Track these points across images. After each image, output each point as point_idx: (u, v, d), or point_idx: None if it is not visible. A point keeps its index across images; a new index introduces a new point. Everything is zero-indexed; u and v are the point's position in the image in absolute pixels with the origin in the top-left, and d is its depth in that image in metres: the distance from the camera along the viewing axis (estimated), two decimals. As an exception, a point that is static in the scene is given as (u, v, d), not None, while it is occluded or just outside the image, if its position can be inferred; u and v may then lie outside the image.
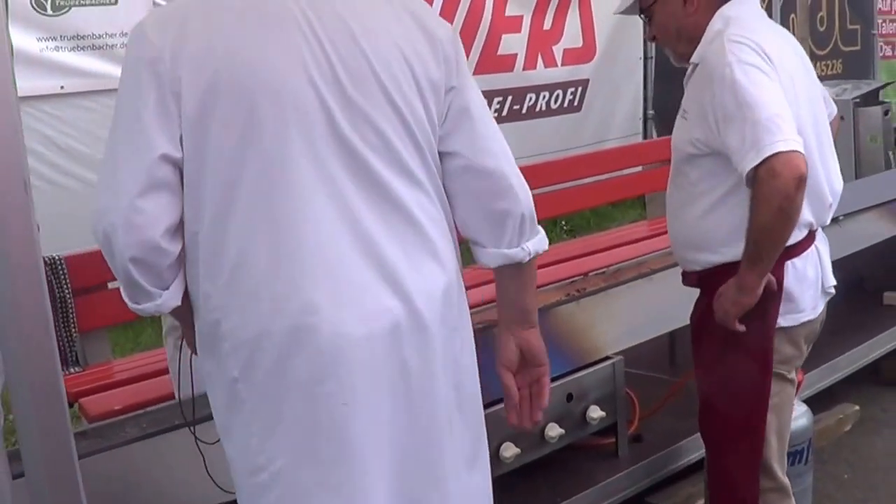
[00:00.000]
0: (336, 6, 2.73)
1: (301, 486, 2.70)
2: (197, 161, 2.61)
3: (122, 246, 2.60)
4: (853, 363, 6.13)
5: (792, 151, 3.42)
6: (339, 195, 2.66)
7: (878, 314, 6.72)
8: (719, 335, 3.79)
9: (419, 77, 2.78)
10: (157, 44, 2.60)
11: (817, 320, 3.93)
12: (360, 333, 2.65)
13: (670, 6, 3.84)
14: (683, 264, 3.98)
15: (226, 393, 2.74)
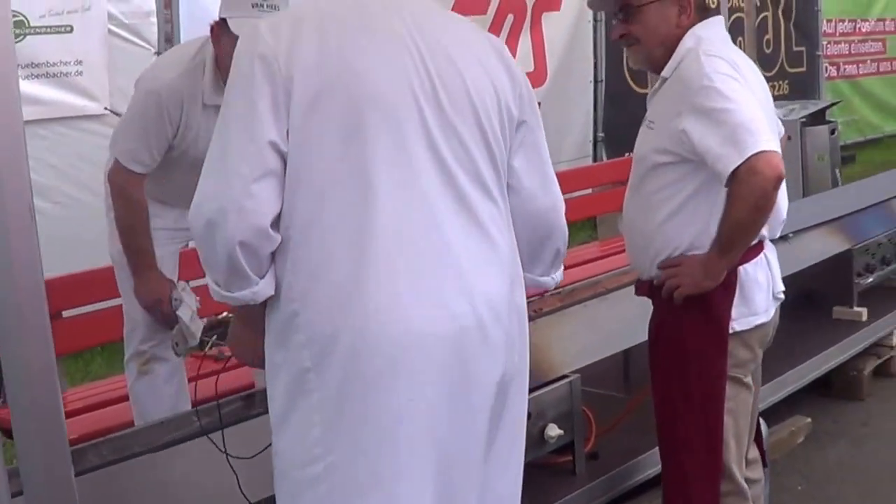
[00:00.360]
0: (437, 33, 2.96)
1: (354, 480, 2.79)
2: (298, 157, 2.76)
3: (232, 230, 2.71)
4: (804, 376, 6.21)
5: (772, 151, 3.58)
6: (427, 202, 2.82)
7: (827, 328, 6.81)
8: (676, 341, 3.91)
9: (501, 107, 3.00)
10: (272, 43, 2.77)
11: (770, 324, 4.03)
12: (431, 334, 2.79)
13: (666, 11, 3.92)
14: (640, 273, 4.08)
15: (293, 383, 2.82)
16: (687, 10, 3.94)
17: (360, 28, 2.87)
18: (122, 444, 3.67)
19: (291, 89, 2.75)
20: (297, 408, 2.83)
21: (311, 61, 2.77)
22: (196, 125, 4.39)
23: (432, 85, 2.87)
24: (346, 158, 2.78)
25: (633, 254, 4.08)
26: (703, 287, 3.80)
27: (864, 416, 6.48)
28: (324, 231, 2.77)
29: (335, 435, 2.79)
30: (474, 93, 2.94)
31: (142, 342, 4.67)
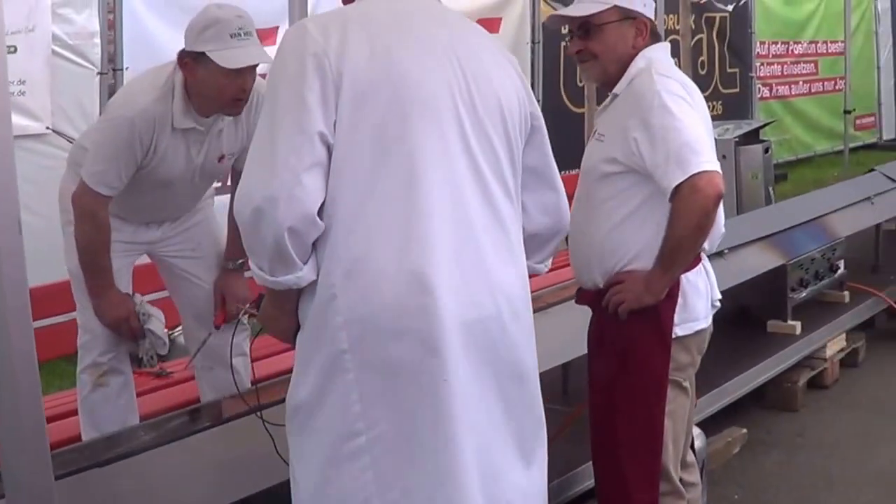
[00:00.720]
0: (472, 43, 3.25)
1: (398, 450, 2.97)
2: (344, 149, 2.92)
3: (283, 217, 2.85)
4: (740, 388, 6.32)
5: (714, 171, 3.75)
6: (461, 198, 3.03)
7: (762, 342, 6.93)
8: (620, 345, 4.02)
9: (523, 113, 3.29)
10: (322, 42, 2.95)
11: (707, 331, 4.17)
12: (463, 319, 2.98)
13: (625, 31, 4.07)
14: (584, 282, 4.18)
15: (329, 363, 2.98)
16: (643, 33, 4.09)
17: (406, 33, 3.10)
18: (101, 448, 3.74)
19: (341, 85, 2.92)
20: (334, 387, 2.98)
21: (361, 60, 2.96)
22: (165, 147, 4.47)
23: (468, 89, 3.09)
24: (390, 153, 2.96)
25: (579, 263, 4.18)
26: (644, 302, 3.91)
27: (798, 426, 6.60)
28: (367, 219, 2.95)
29: (377, 410, 2.96)
30: (503, 98, 3.20)
31: (100, 354, 4.69)
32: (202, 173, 4.74)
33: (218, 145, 4.68)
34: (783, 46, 17.74)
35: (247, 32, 4.36)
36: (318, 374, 3.02)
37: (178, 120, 4.45)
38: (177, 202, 4.84)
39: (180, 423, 4.02)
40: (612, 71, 4.11)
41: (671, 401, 4.02)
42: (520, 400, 3.21)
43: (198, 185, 4.84)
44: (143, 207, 4.74)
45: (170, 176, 4.59)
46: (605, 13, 4.06)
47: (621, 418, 4.02)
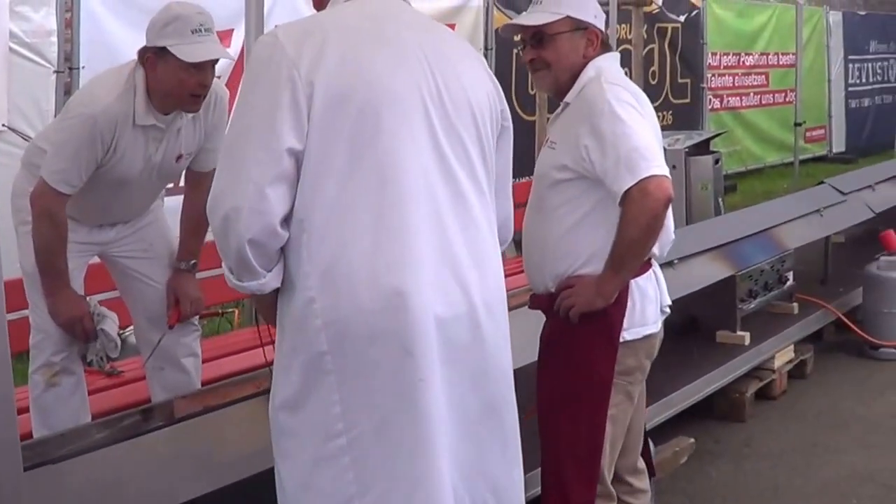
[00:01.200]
0: (441, 45, 3.30)
1: (376, 451, 3.01)
2: (319, 156, 2.97)
3: (244, 228, 2.92)
4: (688, 398, 6.34)
5: (663, 176, 3.81)
6: (433, 197, 3.07)
7: (711, 352, 6.95)
8: (568, 346, 4.07)
9: (494, 114, 3.35)
10: (292, 53, 2.99)
11: (657, 336, 4.21)
12: (437, 319, 3.02)
13: (576, 41, 4.12)
14: (537, 287, 4.22)
15: (309, 365, 3.03)
16: (594, 43, 4.16)
17: (376, 38, 3.14)
18: (71, 440, 3.75)
19: (313, 93, 2.96)
20: (315, 388, 3.03)
21: (332, 67, 3.00)
22: (125, 144, 4.51)
23: (439, 91, 3.14)
24: (362, 157, 3.00)
25: (532, 268, 4.23)
26: (595, 306, 3.95)
27: (745, 436, 6.64)
28: (342, 223, 2.99)
29: (357, 411, 3.01)
30: (473, 99, 3.26)
31: (53, 354, 4.70)
32: (159, 173, 4.77)
33: (176, 144, 4.72)
34: (734, 58, 17.87)
35: (207, 29, 4.46)
36: (299, 375, 3.07)
37: (140, 117, 4.50)
38: (132, 203, 4.85)
39: (135, 421, 3.98)
40: (564, 80, 4.16)
41: (615, 405, 4.07)
42: (496, 398, 3.25)
43: (154, 186, 4.88)
44: (99, 208, 4.76)
45: (128, 174, 4.61)
46: (557, 23, 4.12)
47: (565, 419, 4.07)
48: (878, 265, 8.16)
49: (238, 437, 4.05)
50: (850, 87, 20.87)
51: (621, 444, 4.23)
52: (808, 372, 7.73)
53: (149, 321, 5.01)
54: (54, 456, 3.58)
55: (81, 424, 4.24)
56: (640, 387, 4.27)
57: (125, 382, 5.59)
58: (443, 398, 3.06)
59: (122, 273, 5.02)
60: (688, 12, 16.57)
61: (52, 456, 3.57)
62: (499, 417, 3.27)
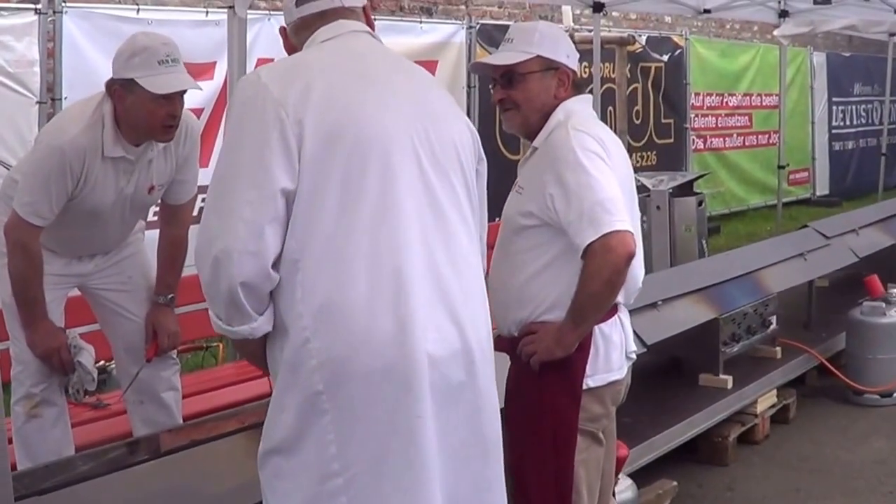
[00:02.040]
0: (424, 87, 3.36)
1: (373, 489, 2.99)
2: (312, 195, 2.94)
3: (236, 271, 2.89)
4: (670, 441, 6.28)
5: (625, 231, 3.78)
6: (425, 235, 3.06)
7: (694, 395, 6.90)
8: (531, 393, 4.04)
9: (475, 153, 3.39)
10: (277, 93, 2.97)
11: (622, 382, 4.18)
12: (433, 356, 3.01)
13: (547, 82, 4.10)
14: (501, 329, 4.18)
15: (305, 406, 2.99)
16: (565, 84, 4.13)
17: (361, 76, 3.13)
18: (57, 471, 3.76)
19: (302, 132, 2.94)
20: (310, 429, 3.00)
21: (320, 105, 2.98)
22: (95, 176, 4.50)
23: (426, 130, 3.14)
24: (355, 195, 2.99)
25: (496, 310, 4.13)
26: (555, 355, 3.94)
27: (728, 480, 6.59)
28: (336, 262, 2.97)
29: (353, 451, 2.98)
30: (457, 138, 3.25)
31: (33, 385, 4.68)
32: (132, 205, 4.76)
33: (148, 175, 4.71)
34: (718, 98, 17.90)
35: (174, 59, 4.47)
36: (294, 416, 3.03)
37: (109, 148, 4.49)
38: (107, 235, 4.84)
39: (121, 453, 3.99)
40: (534, 121, 4.14)
41: (583, 450, 4.04)
42: (489, 436, 3.25)
43: (127, 219, 4.85)
44: (74, 240, 4.75)
45: (100, 206, 4.60)
46: (528, 62, 4.09)
47: (532, 465, 4.04)
48: (861, 310, 8.12)
49: (224, 471, 4.05)
50: (834, 129, 20.87)
51: (607, 487, 4.19)
52: (790, 417, 7.68)
53: (127, 353, 5.00)
54: (40, 487, 3.57)
55: (67, 456, 4.22)
56: (609, 430, 4.25)
57: (111, 415, 5.59)
58: (437, 436, 3.05)
59: (101, 305, 5.01)
60: (671, 52, 16.64)
61: (38, 487, 3.57)
62: (493, 455, 3.27)
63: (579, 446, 4.01)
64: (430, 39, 12.39)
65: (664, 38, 16.75)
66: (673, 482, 6.14)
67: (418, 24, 12.50)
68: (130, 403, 5.04)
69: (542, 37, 4.12)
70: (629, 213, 3.96)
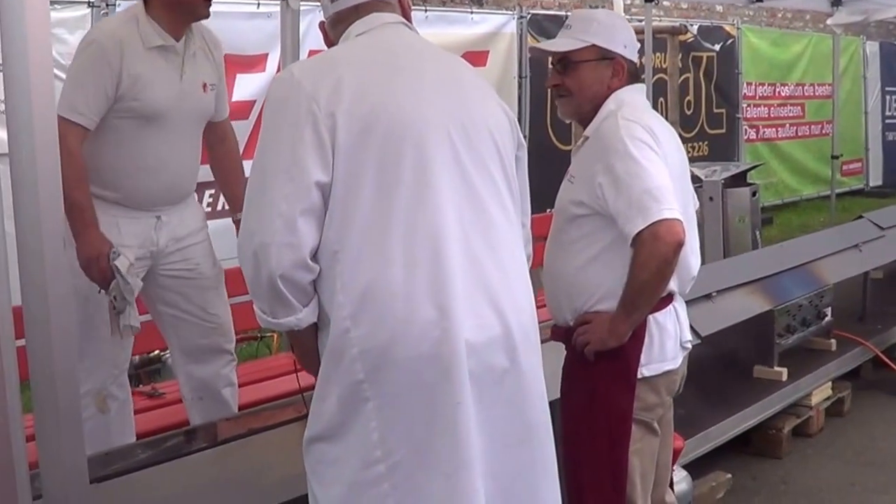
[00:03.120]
0: (456, 75, 3.35)
1: (416, 476, 3.01)
2: (347, 186, 2.97)
3: (274, 264, 2.94)
4: (725, 433, 6.27)
5: (674, 220, 3.76)
6: (462, 222, 3.07)
7: (748, 387, 6.88)
8: (586, 383, 4.04)
9: (513, 139, 3.37)
10: (310, 88, 3.01)
11: (677, 372, 4.17)
12: (471, 342, 3.01)
13: (601, 71, 4.09)
14: (557, 319, 4.19)
15: (346, 394, 3.03)
16: (619, 74, 4.11)
17: (392, 68, 3.15)
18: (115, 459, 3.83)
19: (335, 125, 2.97)
20: (353, 417, 3.03)
21: (351, 98, 3.01)
22: (141, 69, 4.51)
23: (459, 117, 3.15)
24: (390, 184, 3.00)
25: (551, 300, 4.20)
26: (608, 345, 3.94)
27: (782, 473, 6.56)
28: (374, 251, 2.99)
29: (395, 437, 3.00)
30: (493, 124, 3.24)
31: (102, 379, 4.68)
32: (192, 110, 4.77)
33: (197, 70, 4.76)
34: (770, 88, 17.76)
35: None
36: (337, 404, 3.06)
37: (148, 39, 4.54)
38: (174, 156, 4.76)
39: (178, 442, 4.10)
40: (586, 109, 4.14)
41: (638, 440, 4.04)
42: (534, 423, 3.24)
43: (190, 129, 4.82)
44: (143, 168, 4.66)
45: (160, 104, 4.59)
46: (583, 51, 4.10)
47: (586, 455, 4.05)
48: (917, 302, 8.05)
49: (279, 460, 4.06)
50: (888, 118, 20.66)
51: (664, 478, 4.19)
52: (845, 410, 7.62)
53: (185, 354, 4.97)
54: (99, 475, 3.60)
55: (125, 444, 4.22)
56: (664, 420, 4.24)
57: (166, 404, 5.61)
58: (477, 422, 3.06)
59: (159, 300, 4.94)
60: (723, 41, 16.52)
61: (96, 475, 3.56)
62: (538, 442, 3.26)
63: (634, 436, 4.00)
64: (481, 30, 12.37)
65: (716, 27, 16.64)
66: (727, 474, 6.13)
67: (469, 14, 12.49)
68: (188, 399, 5.03)
69: (599, 26, 4.12)
70: (682, 201, 3.95)
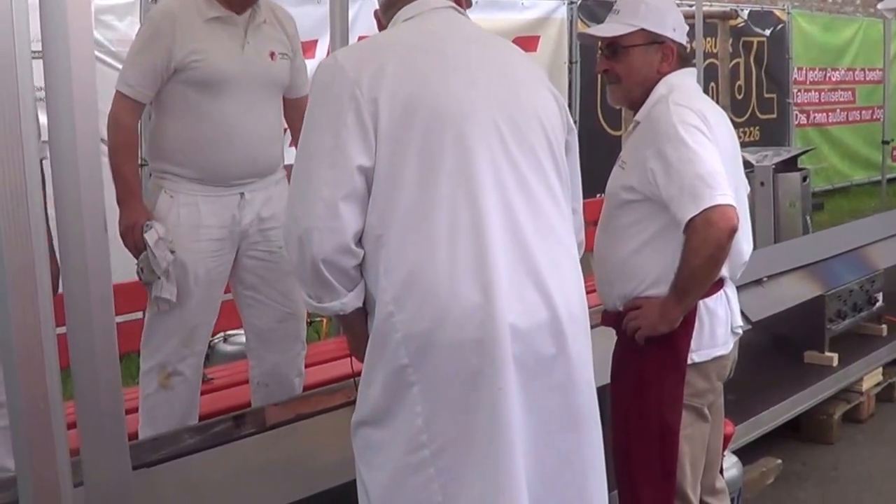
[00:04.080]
0: (503, 58, 3.35)
1: (460, 461, 3.02)
2: (390, 170, 2.99)
3: (317, 248, 2.96)
4: (776, 418, 6.26)
5: (727, 205, 3.73)
6: (508, 206, 3.06)
7: (799, 372, 6.86)
8: (636, 368, 4.04)
9: (562, 124, 3.35)
10: (353, 74, 3.02)
11: (728, 357, 4.16)
12: (516, 327, 3.01)
13: (650, 56, 4.08)
14: (607, 304, 4.19)
15: (391, 379, 3.04)
16: (669, 58, 4.09)
17: (438, 54, 3.15)
18: (164, 444, 3.86)
19: (377, 110, 2.98)
20: (398, 401, 3.05)
21: (394, 83, 3.02)
22: (198, 40, 4.54)
23: (505, 102, 3.14)
24: (435, 168, 3.01)
25: (601, 285, 4.20)
26: (659, 330, 3.93)
27: (832, 459, 6.54)
28: (419, 235, 3.00)
29: (440, 422, 3.02)
30: (541, 109, 3.23)
31: (168, 356, 4.68)
32: (259, 78, 4.74)
33: (263, 40, 4.75)
34: (821, 73, 17.66)
35: None
36: (382, 389, 3.08)
37: (204, 11, 4.58)
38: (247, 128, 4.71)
39: (227, 427, 4.09)
40: (636, 94, 4.12)
41: (688, 425, 4.03)
42: (581, 409, 3.23)
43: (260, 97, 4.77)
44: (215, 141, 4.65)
45: (219, 72, 4.59)
46: (632, 35, 4.08)
47: (636, 441, 4.04)
48: (969, 287, 7.97)
49: (327, 446, 4.09)
50: (939, 104, 20.50)
51: (713, 464, 4.18)
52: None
53: (259, 339, 4.96)
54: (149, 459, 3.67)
55: (175, 429, 4.25)
56: (715, 405, 4.24)
57: (214, 389, 5.60)
58: (522, 409, 3.05)
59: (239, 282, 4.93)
60: (773, 26, 16.44)
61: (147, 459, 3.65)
62: (585, 427, 3.25)
63: (684, 421, 3.99)
64: (531, 15, 12.36)
65: (766, 12, 16.54)
66: (777, 460, 6.12)
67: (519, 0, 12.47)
68: (256, 384, 5.02)
69: (647, 9, 4.09)
70: (734, 186, 3.93)
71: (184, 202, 4.60)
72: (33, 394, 2.51)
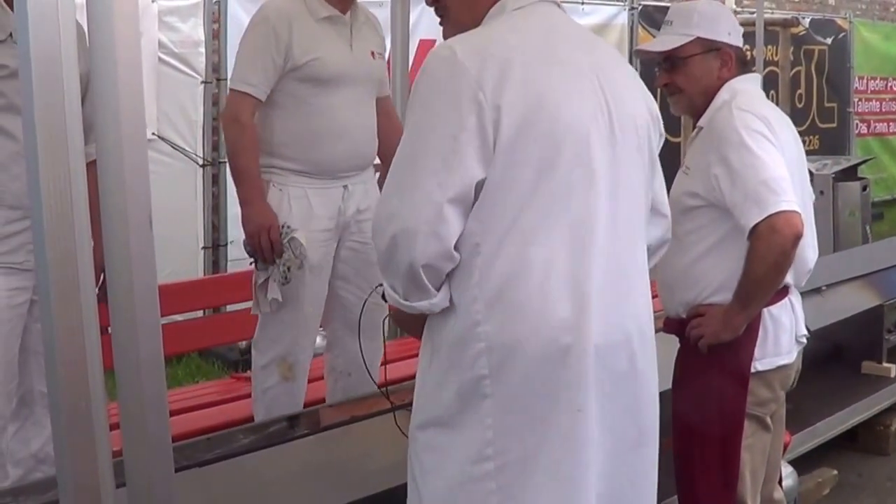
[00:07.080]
0: (609, 65, 3.19)
1: (526, 478, 2.94)
2: (502, 182, 2.88)
3: (420, 252, 2.84)
4: (832, 429, 6.24)
5: (792, 212, 3.71)
6: (603, 226, 2.97)
7: (856, 383, 6.83)
8: (699, 376, 4.01)
9: (654, 134, 3.23)
10: (475, 73, 2.88)
11: (792, 366, 4.13)
12: (599, 346, 2.94)
13: (709, 63, 4.06)
14: (669, 311, 4.17)
15: (466, 387, 2.95)
16: (728, 64, 4.07)
17: (552, 60, 3.03)
18: (216, 444, 3.86)
19: (499, 119, 2.86)
20: (470, 410, 2.96)
21: (517, 92, 2.89)
22: (313, 38, 4.65)
23: (610, 116, 3.04)
24: (541, 183, 2.91)
25: (663, 292, 4.18)
26: (722, 338, 3.90)
27: (889, 471, 6.50)
28: (517, 247, 2.90)
29: (509, 438, 2.94)
30: (639, 120, 3.14)
31: (286, 348, 4.75)
32: (365, 72, 4.86)
33: (365, 39, 4.88)
34: (882, 83, 17.51)
35: None
36: (455, 395, 2.99)
37: (315, 11, 4.69)
38: (354, 124, 4.82)
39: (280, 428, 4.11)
40: (699, 103, 4.10)
41: (750, 435, 4.00)
42: (647, 426, 3.17)
43: (365, 94, 4.90)
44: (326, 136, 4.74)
45: (333, 68, 4.69)
46: (687, 46, 4.06)
47: (698, 448, 4.02)
48: None
49: (380, 448, 4.08)
50: None
51: (772, 474, 4.15)
52: (954, 408, 7.50)
53: (346, 327, 4.95)
54: (201, 459, 3.67)
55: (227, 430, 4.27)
56: (777, 415, 4.20)
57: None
58: (598, 428, 2.99)
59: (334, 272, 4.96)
60: (835, 35, 16.33)
61: (199, 459, 3.66)
62: (648, 444, 3.18)
63: (746, 431, 3.96)
64: (591, 21, 12.34)
65: (828, 20, 16.44)
66: (833, 471, 6.09)
67: (580, 5, 12.44)
68: (335, 372, 5.04)
69: (700, 17, 4.08)
70: (799, 192, 3.91)
71: (294, 195, 4.68)
72: (75, 393, 2.50)
